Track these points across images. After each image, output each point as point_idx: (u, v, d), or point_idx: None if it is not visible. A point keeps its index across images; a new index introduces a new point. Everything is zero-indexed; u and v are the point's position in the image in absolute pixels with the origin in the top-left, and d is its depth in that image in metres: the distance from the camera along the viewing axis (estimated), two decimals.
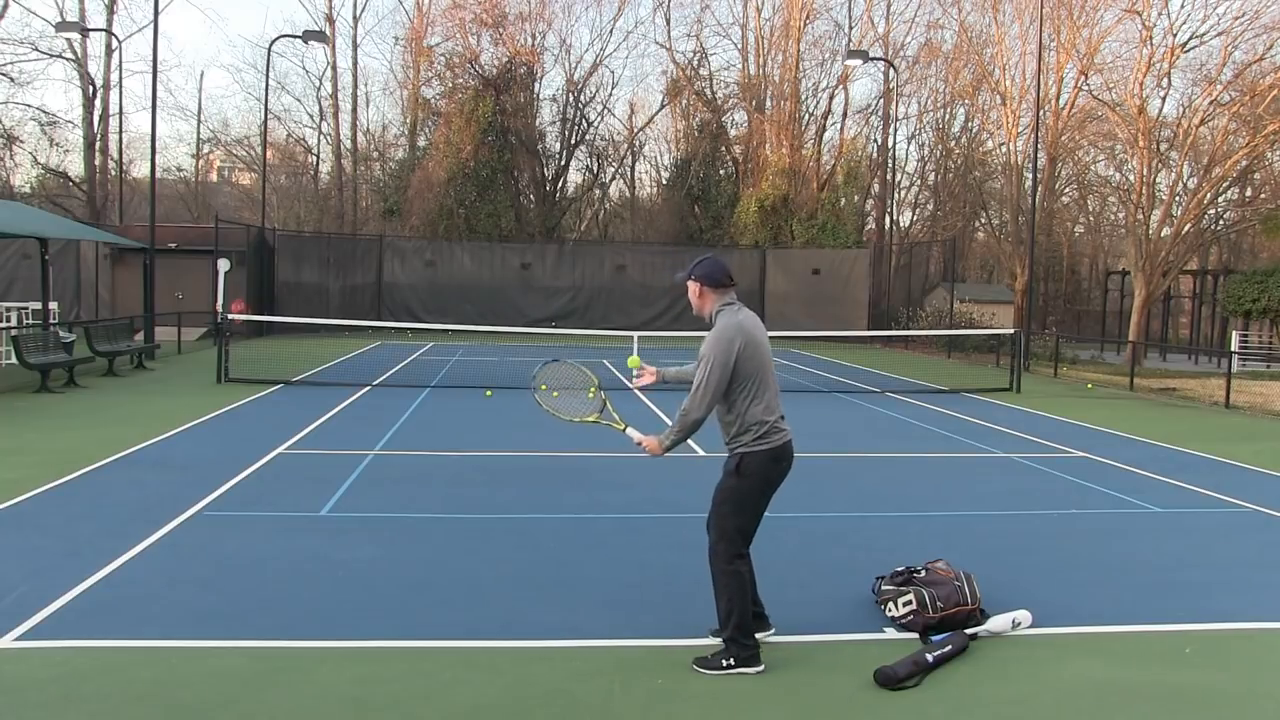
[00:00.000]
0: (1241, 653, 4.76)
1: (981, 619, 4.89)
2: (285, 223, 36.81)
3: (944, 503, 7.97)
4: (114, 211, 34.20)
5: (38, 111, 36.39)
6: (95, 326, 16.71)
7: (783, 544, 6.45)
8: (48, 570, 5.39)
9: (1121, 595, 5.57)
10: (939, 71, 37.72)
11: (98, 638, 4.45)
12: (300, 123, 43.94)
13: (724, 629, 4.30)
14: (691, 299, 4.44)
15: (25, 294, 22.61)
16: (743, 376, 4.25)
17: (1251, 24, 27.11)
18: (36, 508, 6.89)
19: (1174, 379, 20.77)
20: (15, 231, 16.76)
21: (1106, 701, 4.12)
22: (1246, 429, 13.48)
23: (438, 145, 33.93)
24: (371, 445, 9.77)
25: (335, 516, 6.92)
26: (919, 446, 10.80)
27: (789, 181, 34.48)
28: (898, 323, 29.89)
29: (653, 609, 4.95)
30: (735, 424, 4.31)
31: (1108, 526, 7.27)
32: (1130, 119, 28.06)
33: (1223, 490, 8.71)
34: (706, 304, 4.40)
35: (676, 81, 38.64)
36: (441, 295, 30.84)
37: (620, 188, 44.54)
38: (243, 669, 4.18)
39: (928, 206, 42.34)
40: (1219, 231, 32.58)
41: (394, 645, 4.50)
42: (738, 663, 4.24)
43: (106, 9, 36.15)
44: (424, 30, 36.19)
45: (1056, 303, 41.30)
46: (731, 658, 4.25)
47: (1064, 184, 36.71)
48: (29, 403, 12.37)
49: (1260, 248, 36.55)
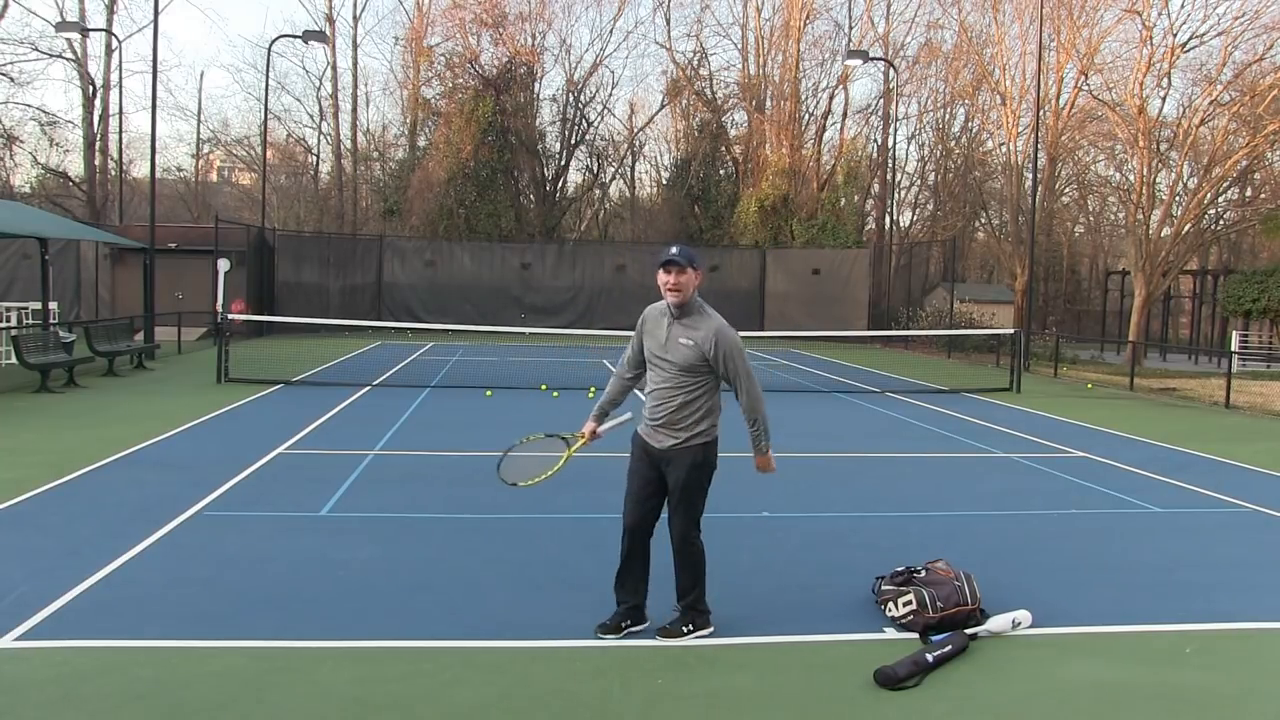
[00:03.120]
0: (1241, 653, 4.75)
1: (981, 619, 4.88)
2: (285, 223, 36.82)
3: (944, 503, 7.97)
4: (114, 211, 34.19)
5: (38, 111, 36.46)
6: (95, 326, 16.70)
7: (783, 544, 6.46)
8: (48, 570, 5.39)
9: (1121, 595, 5.56)
10: (939, 71, 37.75)
11: (98, 638, 4.45)
12: (300, 123, 44.07)
13: (689, 597, 4.64)
14: (685, 288, 4.40)
15: (25, 294, 22.62)
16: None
17: (1251, 24, 27.17)
18: (36, 508, 6.89)
19: (1174, 379, 20.76)
20: (15, 231, 16.76)
21: (1106, 701, 4.12)
22: (1246, 429, 13.48)
23: (438, 145, 33.94)
24: (371, 445, 9.77)
25: (335, 516, 6.91)
26: (919, 446, 10.80)
27: (789, 181, 34.48)
28: (898, 323, 29.89)
29: (652, 609, 4.94)
30: (701, 414, 4.46)
31: (1108, 526, 7.27)
32: (1130, 119, 28.05)
33: (1223, 490, 8.71)
34: (690, 292, 4.46)
35: (676, 81, 38.65)
36: (441, 295, 30.83)
37: (620, 188, 44.61)
38: (243, 669, 4.18)
39: (928, 206, 42.37)
40: (1219, 231, 32.57)
41: (394, 645, 4.50)
42: (696, 627, 4.62)
43: (106, 9, 36.19)
44: (424, 30, 36.21)
45: (1056, 303, 41.31)
46: (691, 623, 4.62)
47: (1064, 184, 36.72)
48: (29, 403, 12.37)
49: (1260, 248, 36.57)
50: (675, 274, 4.39)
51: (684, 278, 4.38)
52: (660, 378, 4.51)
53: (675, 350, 4.42)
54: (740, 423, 4.61)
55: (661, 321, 4.53)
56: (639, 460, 4.61)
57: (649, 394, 4.56)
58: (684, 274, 4.37)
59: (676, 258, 4.37)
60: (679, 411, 4.45)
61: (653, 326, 4.57)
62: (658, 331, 4.53)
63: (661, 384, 4.50)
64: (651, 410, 4.53)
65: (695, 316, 4.46)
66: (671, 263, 4.38)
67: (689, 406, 4.45)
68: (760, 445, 4.58)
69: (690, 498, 4.52)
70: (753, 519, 7.05)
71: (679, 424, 4.46)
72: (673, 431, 4.47)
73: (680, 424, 4.46)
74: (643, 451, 4.59)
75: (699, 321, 4.43)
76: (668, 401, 4.46)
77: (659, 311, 4.58)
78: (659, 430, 4.50)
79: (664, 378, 4.49)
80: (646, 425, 4.57)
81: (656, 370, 4.53)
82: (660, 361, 4.49)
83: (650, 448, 4.54)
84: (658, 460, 4.52)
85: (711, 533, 4.49)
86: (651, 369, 4.57)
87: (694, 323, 4.44)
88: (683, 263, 4.36)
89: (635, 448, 4.63)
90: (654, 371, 4.55)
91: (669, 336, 4.46)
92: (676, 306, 4.44)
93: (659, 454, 4.50)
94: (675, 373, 4.43)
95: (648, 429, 4.56)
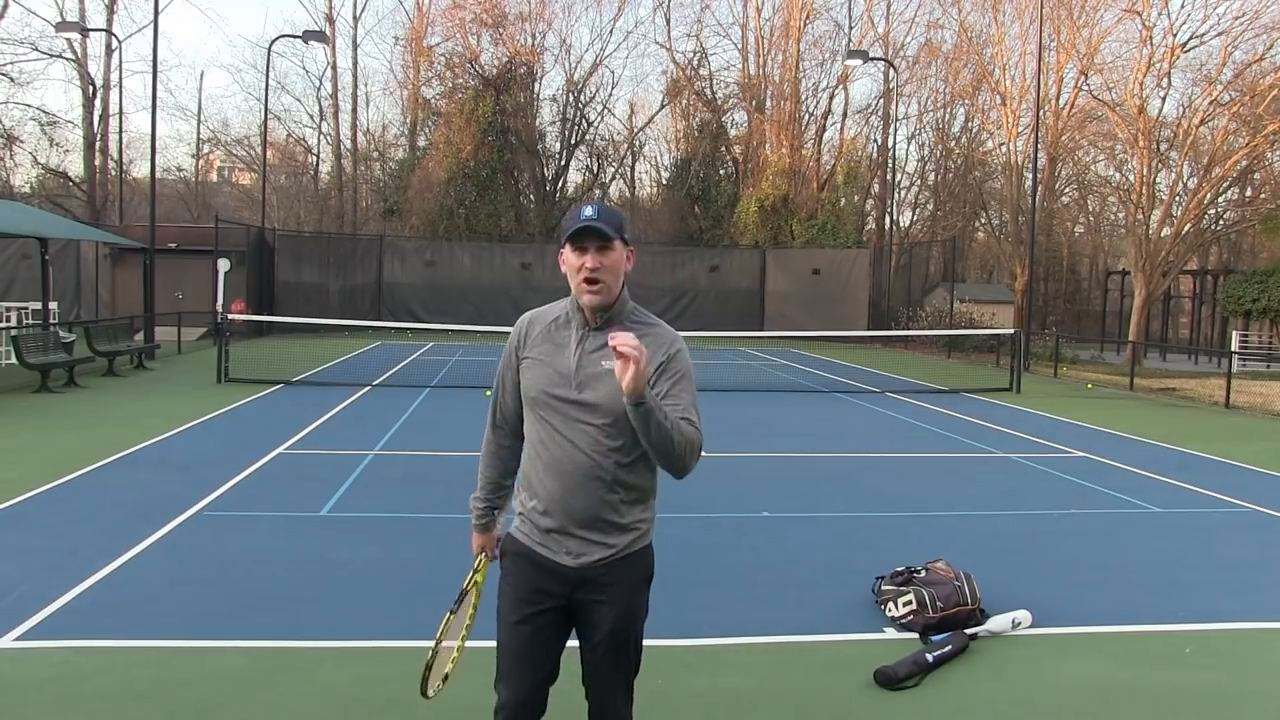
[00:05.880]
0: (1241, 653, 4.76)
1: (981, 619, 4.89)
2: (285, 223, 36.80)
3: (944, 503, 7.97)
4: (114, 211, 34.20)
5: (38, 111, 36.43)
6: (95, 326, 16.71)
7: (783, 544, 6.45)
8: (48, 570, 5.39)
9: (1121, 595, 5.56)
10: (939, 71, 37.78)
11: (98, 638, 4.45)
12: (300, 123, 44.07)
13: None
14: (610, 277, 2.53)
15: (25, 294, 22.59)
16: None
17: (1251, 24, 27.18)
18: (36, 508, 6.89)
19: (1174, 379, 20.76)
20: (15, 231, 16.76)
21: (1106, 701, 4.12)
22: (1246, 429, 13.48)
23: (438, 145, 33.94)
24: (371, 445, 9.77)
25: (335, 516, 6.91)
26: (919, 446, 10.80)
27: (789, 181, 34.50)
28: (898, 323, 29.89)
29: (652, 609, 4.93)
30: (644, 490, 2.63)
31: (1108, 526, 7.27)
32: (1130, 119, 28.06)
33: (1223, 490, 8.71)
34: (620, 284, 2.60)
35: (676, 81, 38.67)
36: (441, 295, 30.83)
37: (620, 188, 44.57)
38: (243, 669, 4.18)
39: (928, 206, 42.40)
40: (1219, 231, 32.58)
41: (394, 645, 4.49)
42: None
43: (106, 9, 36.19)
44: (424, 30, 36.23)
45: (1056, 303, 41.31)
46: None
47: (1064, 184, 36.73)
48: (29, 403, 12.37)
49: (1260, 248, 36.59)
50: (595, 252, 2.49)
51: (609, 258, 2.51)
52: (568, 437, 2.53)
53: (596, 384, 2.51)
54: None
55: (560, 338, 2.60)
56: (525, 590, 2.63)
57: (544, 469, 2.58)
58: (609, 251, 2.51)
59: (597, 223, 2.48)
60: (610, 492, 2.54)
61: (542, 349, 2.62)
62: (556, 357, 2.58)
63: (573, 449, 2.53)
64: (552, 499, 2.56)
65: (627, 325, 2.58)
66: (589, 232, 2.49)
67: (625, 482, 2.55)
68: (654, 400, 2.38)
69: (633, 650, 2.78)
70: (753, 519, 7.05)
71: (610, 516, 2.56)
72: (600, 533, 2.56)
73: (612, 516, 2.56)
74: (535, 575, 2.61)
75: (638, 330, 2.54)
76: (589, 479, 2.52)
77: (551, 322, 2.65)
78: (571, 534, 2.57)
79: (579, 435, 2.53)
80: (539, 528, 2.61)
81: (558, 422, 2.55)
82: (565, 408, 2.54)
83: (553, 567, 2.59)
84: (567, 588, 2.59)
85: (712, 532, 4.49)
86: (543, 424, 2.58)
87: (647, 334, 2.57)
88: (608, 232, 2.49)
89: (515, 568, 2.66)
90: (546, 429, 2.57)
91: (579, 363, 2.54)
92: (596, 310, 2.56)
93: (573, 576, 2.58)
94: (600, 425, 2.51)
95: (543, 534, 2.60)
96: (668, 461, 2.46)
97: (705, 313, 31.52)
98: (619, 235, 2.52)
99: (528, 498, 2.65)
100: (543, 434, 2.59)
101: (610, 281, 2.53)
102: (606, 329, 2.52)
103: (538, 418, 2.61)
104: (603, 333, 2.52)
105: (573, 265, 2.54)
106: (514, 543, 2.70)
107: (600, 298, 2.52)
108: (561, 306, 2.66)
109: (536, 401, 2.60)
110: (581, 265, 2.50)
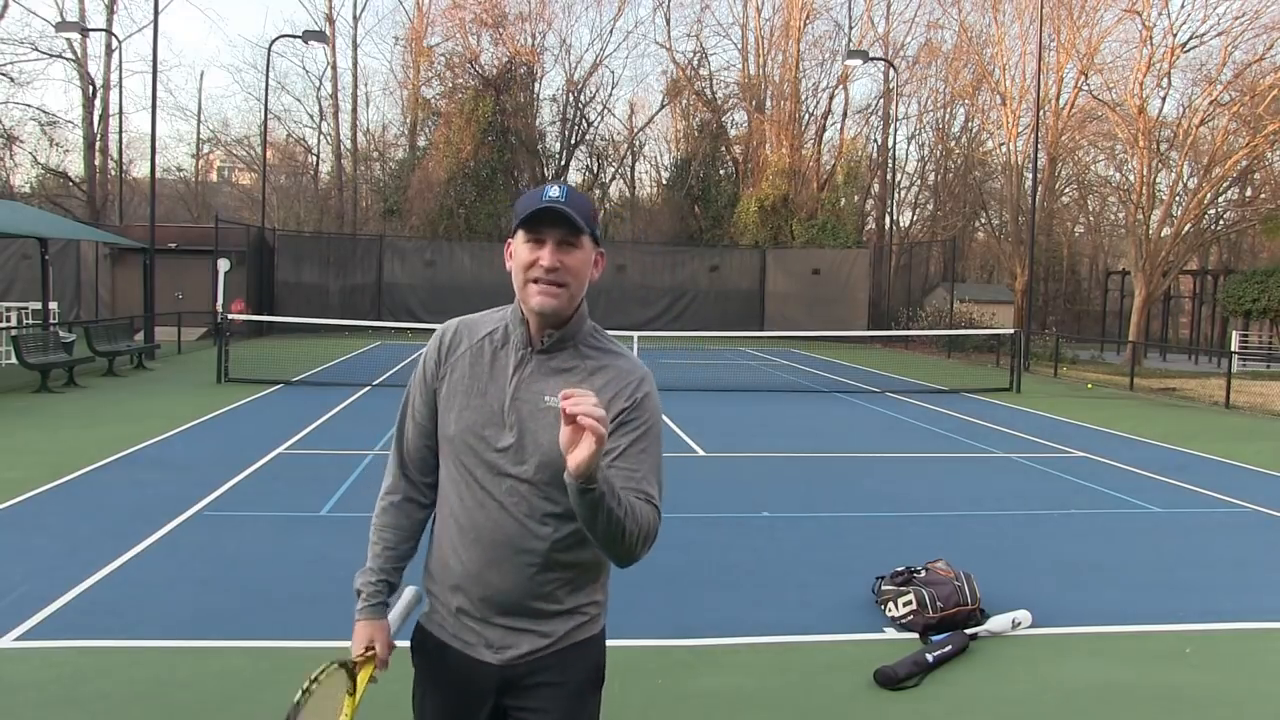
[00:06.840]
0: (1241, 653, 4.76)
1: (981, 619, 4.89)
2: (285, 223, 36.80)
3: (944, 503, 7.97)
4: (114, 211, 34.20)
5: (38, 111, 36.43)
6: (95, 326, 16.71)
7: (783, 544, 6.45)
8: (48, 570, 5.39)
9: (1121, 595, 5.57)
10: (939, 71, 37.80)
11: (98, 638, 4.45)
12: (300, 123, 44.08)
13: None
14: (573, 282, 1.89)
15: (25, 294, 22.59)
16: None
17: (1251, 24, 27.20)
18: (36, 508, 6.89)
19: (1174, 379, 20.77)
20: (15, 231, 16.76)
21: (1106, 701, 4.12)
22: (1246, 429, 13.48)
23: (438, 145, 33.95)
24: (371, 445, 9.77)
25: (335, 516, 6.91)
26: (919, 446, 10.80)
27: (789, 181, 34.51)
28: (898, 323, 29.90)
29: (652, 609, 4.95)
30: (596, 565, 1.98)
31: (1108, 526, 7.27)
32: (1130, 119, 28.07)
33: (1223, 490, 8.71)
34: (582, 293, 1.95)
35: (676, 81, 38.68)
36: (441, 295, 30.82)
37: (620, 188, 44.58)
38: (243, 669, 4.18)
39: (928, 206, 42.42)
40: (1219, 231, 32.59)
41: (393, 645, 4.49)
42: None
43: (106, 9, 36.17)
44: (424, 30, 36.23)
45: (1056, 303, 41.33)
46: None
47: (1064, 184, 36.73)
48: (29, 403, 12.37)
49: (1260, 248, 36.60)
50: (556, 246, 1.87)
51: (574, 256, 1.89)
52: (493, 494, 1.89)
53: (534, 426, 1.87)
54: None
55: (494, 360, 1.96)
56: (443, 690, 2.05)
57: (458, 534, 1.95)
58: (574, 248, 1.88)
59: (563, 206, 1.85)
60: (543, 572, 1.90)
61: (469, 372, 1.96)
62: (487, 384, 1.93)
63: (499, 510, 1.89)
64: (467, 573, 1.93)
65: (582, 351, 1.95)
66: (552, 217, 1.86)
67: (563, 561, 1.91)
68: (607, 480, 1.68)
69: None
70: (753, 519, 7.05)
71: (541, 605, 1.92)
72: (530, 618, 1.92)
73: (544, 604, 1.92)
74: (455, 674, 2.00)
75: (594, 361, 1.94)
76: (517, 552, 1.89)
77: (484, 338, 2.00)
78: (499, 622, 1.93)
79: (506, 495, 1.89)
80: (460, 614, 1.97)
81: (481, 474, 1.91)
82: (493, 456, 1.89)
83: (476, 666, 1.96)
84: (494, 690, 1.95)
85: (712, 532, 4.49)
86: (462, 473, 1.93)
87: (578, 363, 1.93)
88: (576, 221, 1.86)
89: (431, 663, 2.08)
90: (466, 481, 1.93)
91: (515, 395, 1.90)
92: (545, 320, 1.91)
93: (501, 674, 1.94)
94: (536, 482, 1.87)
95: (464, 623, 1.97)
96: (611, 551, 1.78)
97: (705, 313, 31.54)
98: (589, 229, 1.88)
99: (439, 569, 1.99)
100: (461, 488, 1.92)
101: (572, 286, 1.88)
102: (555, 353, 1.91)
103: (457, 464, 1.93)
104: (550, 357, 1.91)
105: (523, 260, 1.89)
106: (426, 636, 2.05)
107: (554, 302, 1.86)
108: (498, 318, 2.01)
109: (455, 443, 1.92)
110: (535, 261, 1.86)
